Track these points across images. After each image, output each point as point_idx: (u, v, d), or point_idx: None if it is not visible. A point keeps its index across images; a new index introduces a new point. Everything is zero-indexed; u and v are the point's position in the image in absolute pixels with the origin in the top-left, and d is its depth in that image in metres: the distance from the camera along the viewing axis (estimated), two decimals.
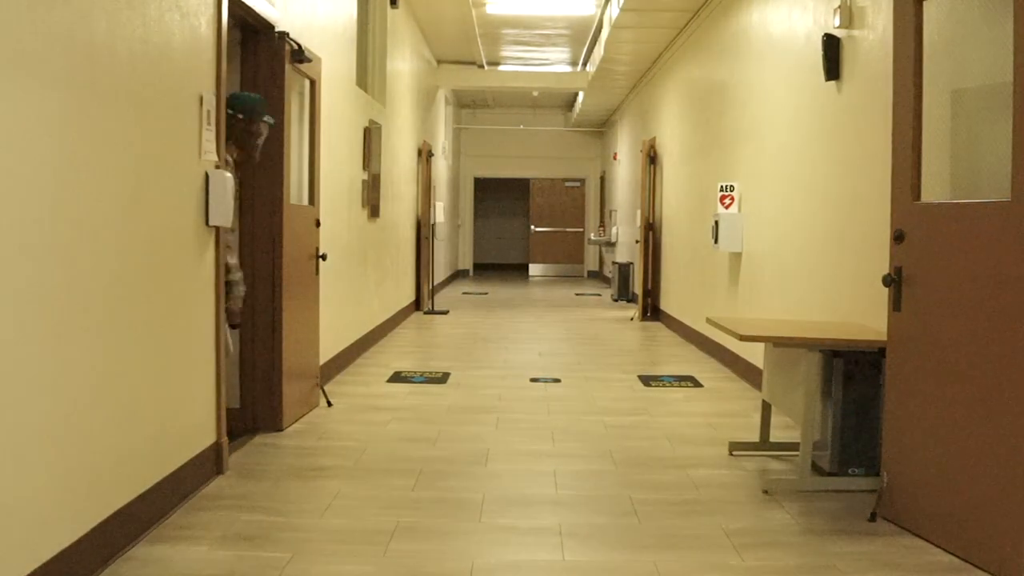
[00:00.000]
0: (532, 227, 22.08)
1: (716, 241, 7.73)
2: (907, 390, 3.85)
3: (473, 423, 5.77)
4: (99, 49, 3.27)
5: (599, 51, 12.41)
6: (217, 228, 4.47)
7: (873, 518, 3.94)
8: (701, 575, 3.37)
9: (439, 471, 4.67)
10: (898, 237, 3.87)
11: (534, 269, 22.13)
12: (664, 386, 7.11)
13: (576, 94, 18.05)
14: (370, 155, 8.53)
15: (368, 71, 9.20)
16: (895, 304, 3.90)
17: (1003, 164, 3.42)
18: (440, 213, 13.48)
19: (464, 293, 16.02)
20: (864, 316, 4.93)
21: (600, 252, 20.79)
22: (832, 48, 5.40)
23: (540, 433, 5.51)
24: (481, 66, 15.50)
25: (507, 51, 14.70)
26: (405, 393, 6.70)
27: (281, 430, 5.41)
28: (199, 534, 3.70)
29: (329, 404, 6.19)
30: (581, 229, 22.04)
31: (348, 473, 4.61)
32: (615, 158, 17.89)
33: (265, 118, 5.02)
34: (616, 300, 14.74)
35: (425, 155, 12.82)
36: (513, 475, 4.64)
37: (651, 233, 12.18)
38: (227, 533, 3.72)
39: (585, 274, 22.02)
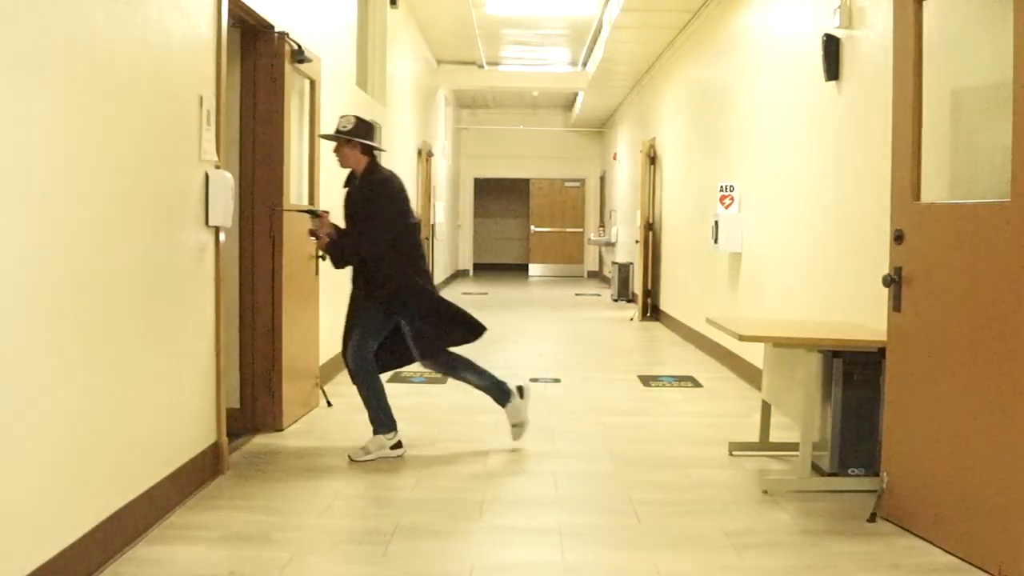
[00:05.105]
0: (532, 227, 22.08)
1: (716, 241, 7.73)
2: (907, 390, 3.85)
3: (473, 423, 5.76)
4: (99, 49, 3.27)
5: (599, 51, 12.41)
6: (217, 228, 4.47)
7: (873, 518, 3.93)
8: (701, 575, 3.37)
9: (439, 471, 4.67)
10: (898, 237, 3.86)
11: (534, 269, 22.12)
12: (664, 386, 7.11)
13: (576, 94, 18.04)
14: None
15: (368, 71, 9.20)
16: (895, 304, 3.90)
17: (1003, 164, 3.42)
18: (440, 213, 13.50)
19: (464, 293, 16.01)
20: (864, 316, 4.92)
21: (600, 252, 20.78)
22: (832, 48, 5.40)
23: (540, 433, 5.50)
24: (481, 66, 15.49)
25: (507, 51, 14.70)
26: (405, 393, 6.69)
27: (281, 430, 5.41)
28: (199, 534, 3.70)
29: (329, 404, 6.19)
30: (581, 229, 22.03)
31: (348, 473, 4.61)
32: (615, 158, 17.89)
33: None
34: (616, 300, 14.74)
35: (425, 155, 12.82)
36: (513, 475, 4.64)
37: (651, 233, 12.18)
38: (227, 533, 3.71)
39: (585, 274, 22.00)
